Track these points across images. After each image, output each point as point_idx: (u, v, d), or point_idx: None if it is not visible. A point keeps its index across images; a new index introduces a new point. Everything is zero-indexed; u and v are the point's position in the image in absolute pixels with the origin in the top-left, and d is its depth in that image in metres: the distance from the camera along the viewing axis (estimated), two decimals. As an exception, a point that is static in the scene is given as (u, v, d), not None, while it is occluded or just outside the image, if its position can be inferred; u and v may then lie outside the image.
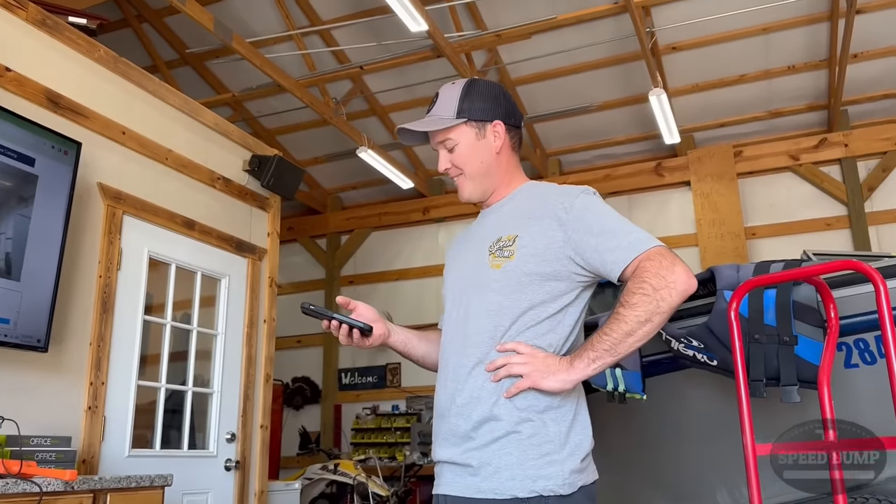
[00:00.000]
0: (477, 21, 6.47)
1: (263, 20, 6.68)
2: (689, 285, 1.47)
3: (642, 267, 1.49)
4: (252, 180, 4.84)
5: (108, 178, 3.73)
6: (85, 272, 3.55)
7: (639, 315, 1.46)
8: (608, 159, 8.24)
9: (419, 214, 8.81)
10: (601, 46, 6.63)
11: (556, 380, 1.49)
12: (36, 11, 3.51)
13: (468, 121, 1.73)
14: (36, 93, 3.41)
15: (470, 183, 1.76)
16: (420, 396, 8.25)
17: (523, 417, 1.51)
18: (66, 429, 3.30)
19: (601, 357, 1.48)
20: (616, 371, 2.61)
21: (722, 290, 2.36)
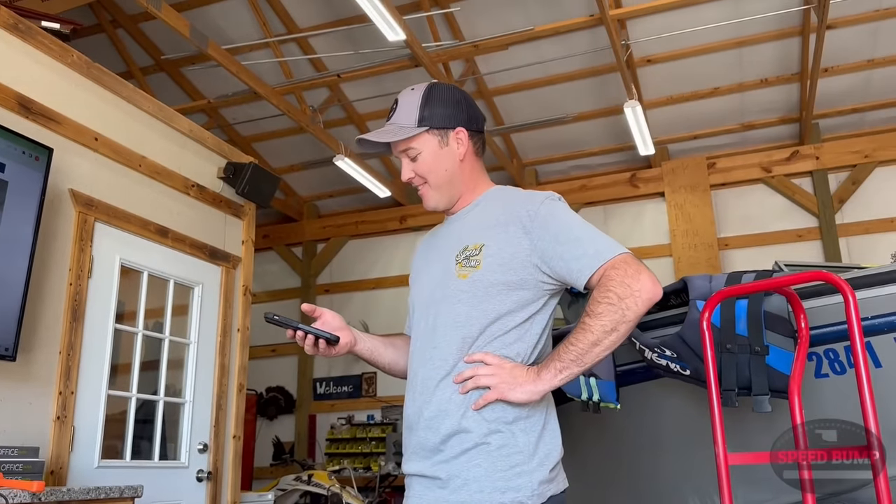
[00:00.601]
0: (454, 31, 6.50)
1: (240, 27, 6.66)
2: (654, 293, 1.46)
3: (607, 276, 1.48)
4: (227, 188, 4.80)
5: (80, 185, 3.68)
6: (55, 279, 3.49)
7: (605, 324, 1.45)
8: (584, 170, 8.31)
9: (396, 223, 8.80)
10: (577, 58, 6.69)
11: (524, 391, 1.49)
12: (7, 15, 3.45)
13: (430, 129, 1.69)
14: (7, 98, 3.35)
15: (435, 192, 1.74)
16: (396, 406, 8.22)
17: (492, 429, 1.50)
18: (33, 439, 3.24)
19: (568, 367, 1.47)
20: (590, 380, 2.62)
21: (694, 301, 2.39)
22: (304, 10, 6.60)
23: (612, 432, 3.03)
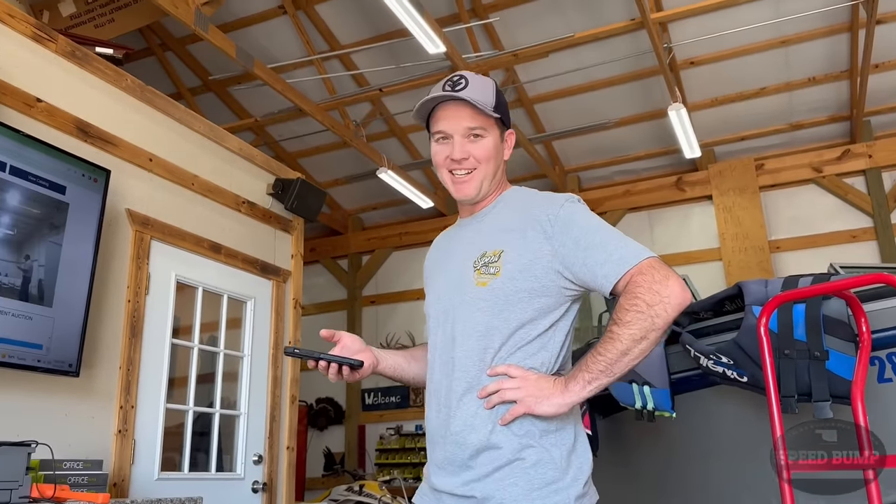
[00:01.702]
0: (494, 41, 6.53)
1: (284, 46, 6.79)
2: (683, 299, 1.40)
3: (634, 282, 1.41)
4: (276, 203, 4.89)
5: (136, 205, 3.79)
6: (114, 297, 3.61)
7: (633, 333, 1.38)
8: (627, 175, 8.23)
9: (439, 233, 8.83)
10: (618, 63, 6.65)
11: (551, 404, 1.43)
12: (65, 43, 3.59)
13: (500, 119, 1.66)
14: (66, 122, 3.49)
15: (479, 181, 1.66)
16: (444, 416, 8.22)
17: (524, 444, 1.45)
18: (97, 452, 3.34)
19: (597, 378, 1.41)
20: (644, 389, 2.60)
21: (751, 306, 2.35)
22: (346, 26, 6.70)
23: (667, 440, 2.99)
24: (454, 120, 1.63)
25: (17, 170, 3.04)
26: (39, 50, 3.46)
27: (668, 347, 2.55)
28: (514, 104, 7.26)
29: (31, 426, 3.07)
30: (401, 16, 5.01)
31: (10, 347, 2.94)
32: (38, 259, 3.09)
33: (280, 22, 6.63)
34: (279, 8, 6.49)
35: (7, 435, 2.89)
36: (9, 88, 3.24)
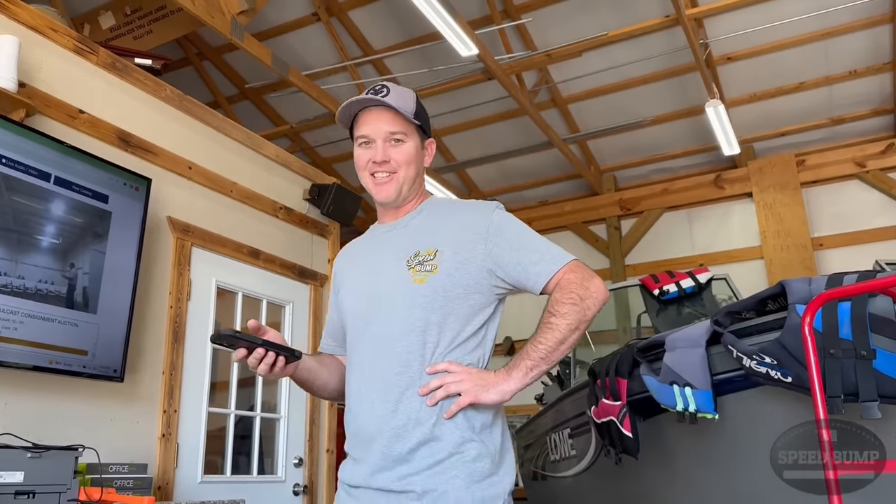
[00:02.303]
0: (526, 42, 6.51)
1: (318, 53, 6.86)
2: (605, 295, 1.57)
3: (567, 279, 1.56)
4: (312, 208, 4.94)
5: (177, 212, 3.87)
6: (157, 303, 3.68)
7: (570, 323, 1.52)
8: (665, 173, 8.13)
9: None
10: (653, 60, 6.57)
11: (497, 391, 1.51)
12: (106, 55, 3.68)
13: (420, 127, 1.75)
14: (108, 133, 3.57)
15: (398, 185, 1.71)
16: (481, 418, 8.22)
17: (466, 437, 1.51)
18: (142, 456, 3.41)
19: (538, 365, 1.52)
20: (685, 390, 2.56)
21: (794, 305, 2.29)
22: (379, 32, 6.74)
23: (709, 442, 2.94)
24: (376, 124, 1.71)
25: (62, 180, 3.13)
26: (81, 62, 3.55)
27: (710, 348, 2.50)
28: (547, 104, 7.23)
29: (78, 431, 3.14)
30: (433, 19, 5.03)
31: (56, 354, 3.02)
32: (82, 267, 3.16)
33: (314, 29, 6.70)
34: (313, 15, 6.56)
35: (55, 439, 2.97)
36: (52, 101, 3.32)
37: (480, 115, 7.48)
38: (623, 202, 8.06)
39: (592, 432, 3.17)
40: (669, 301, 3.81)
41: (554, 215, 8.38)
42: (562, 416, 3.74)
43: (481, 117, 7.51)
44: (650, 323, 3.89)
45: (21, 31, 3.24)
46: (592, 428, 3.10)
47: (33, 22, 3.33)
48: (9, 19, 3.21)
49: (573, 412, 3.48)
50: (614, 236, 8.06)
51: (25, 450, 2.51)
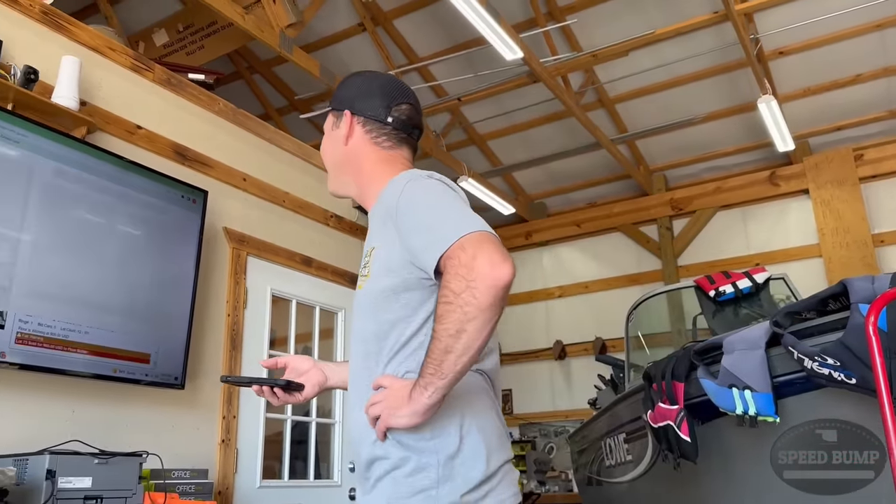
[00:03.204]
0: (572, 43, 6.47)
1: (365, 62, 6.93)
2: (494, 278, 1.22)
3: (450, 265, 1.26)
4: (362, 216, 5.00)
5: (233, 223, 3.96)
6: (215, 312, 3.77)
7: (448, 328, 1.24)
8: (717, 171, 7.97)
9: (522, 239, 8.80)
10: (702, 57, 6.46)
11: (402, 415, 1.31)
12: (161, 72, 3.80)
13: (332, 109, 1.64)
14: (165, 147, 3.68)
15: (330, 184, 1.66)
16: (534, 423, 8.17)
17: (405, 453, 1.35)
18: (202, 462, 3.49)
19: (431, 382, 1.27)
20: (745, 393, 2.51)
21: (857, 304, 2.23)
22: (424, 39, 6.79)
23: (768, 445, 2.88)
24: None
25: (123, 193, 3.23)
26: (138, 79, 3.67)
27: (770, 350, 2.45)
28: (594, 105, 7.17)
29: (141, 437, 3.24)
30: (477, 24, 5.04)
31: (120, 363, 3.12)
32: (143, 278, 3.26)
33: (360, 39, 6.78)
34: (359, 25, 6.64)
35: (119, 445, 3.07)
36: (111, 117, 3.45)
37: (526, 119, 7.46)
38: (674, 202, 7.92)
39: (649, 437, 3.13)
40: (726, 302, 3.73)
41: (603, 217, 8.30)
42: (616, 420, 3.70)
43: (527, 121, 7.49)
44: (706, 325, 3.81)
45: (81, 51, 3.37)
46: (649, 433, 3.06)
47: (93, 42, 3.46)
48: (70, 40, 3.34)
49: (628, 417, 3.44)
50: (666, 237, 7.93)
51: (93, 456, 2.60)
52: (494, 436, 1.38)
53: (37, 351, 2.82)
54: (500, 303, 1.23)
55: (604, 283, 8.21)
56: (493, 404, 1.43)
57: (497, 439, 1.38)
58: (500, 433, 1.41)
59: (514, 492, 1.38)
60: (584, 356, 7.96)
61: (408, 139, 1.61)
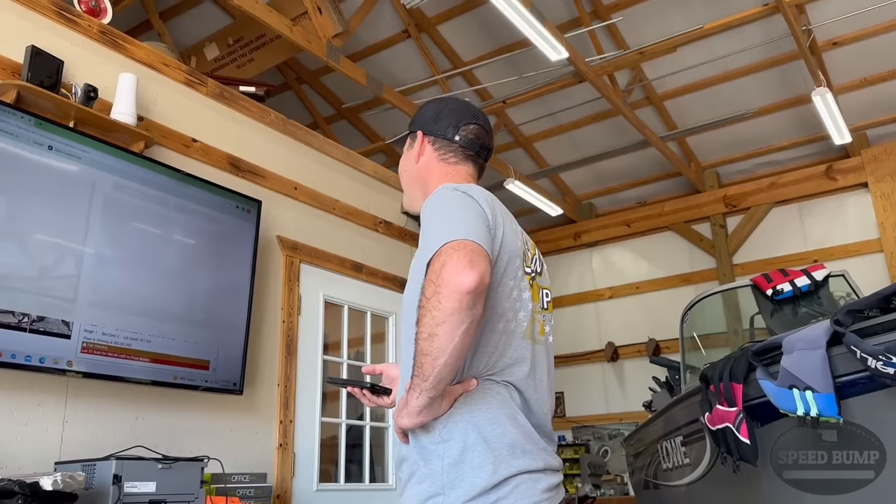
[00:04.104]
0: (618, 41, 6.41)
1: (409, 68, 6.99)
2: (456, 284, 1.25)
3: (428, 273, 1.31)
4: (410, 221, 5.04)
5: (285, 231, 4.04)
6: (270, 318, 3.85)
7: (422, 332, 1.29)
8: (771, 167, 7.78)
9: (570, 240, 8.74)
10: (753, 51, 6.32)
11: (402, 416, 1.37)
12: (213, 85, 3.90)
13: (411, 133, 1.78)
14: (219, 159, 3.77)
15: (404, 200, 1.80)
16: (587, 426, 8.10)
17: (419, 459, 1.40)
18: (261, 465, 3.56)
19: (417, 385, 1.31)
20: (806, 394, 2.44)
21: (923, 301, 2.16)
22: (468, 43, 6.81)
23: (833, 448, 2.80)
24: None
25: (180, 205, 3.33)
26: (192, 94, 3.77)
27: (831, 349, 2.38)
28: (641, 103, 7.09)
29: (202, 442, 3.33)
30: (521, 27, 5.03)
31: (180, 370, 3.21)
32: (202, 287, 3.35)
33: (405, 46, 6.84)
34: (403, 32, 6.70)
35: (181, 451, 3.15)
36: (167, 132, 3.55)
37: (572, 119, 7.42)
38: (728, 199, 7.76)
39: (707, 440, 3.07)
40: (784, 301, 3.64)
41: (654, 216, 8.18)
42: (673, 423, 3.64)
43: (573, 121, 7.44)
44: (764, 325, 3.72)
45: (137, 68, 3.49)
46: (707, 435, 3.00)
47: (148, 59, 3.57)
48: (126, 58, 3.46)
49: (685, 419, 3.38)
50: (720, 235, 7.77)
51: (157, 461, 2.68)
52: (507, 445, 1.39)
53: (101, 359, 2.92)
54: (465, 309, 1.26)
55: (656, 283, 8.09)
56: (513, 413, 1.42)
57: (510, 448, 1.39)
58: (518, 443, 1.40)
59: (535, 501, 1.38)
60: (636, 358, 7.86)
61: (474, 157, 1.73)
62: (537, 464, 1.42)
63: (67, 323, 2.82)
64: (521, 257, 1.53)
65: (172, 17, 6.57)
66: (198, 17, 6.52)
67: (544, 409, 1.52)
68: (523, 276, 1.52)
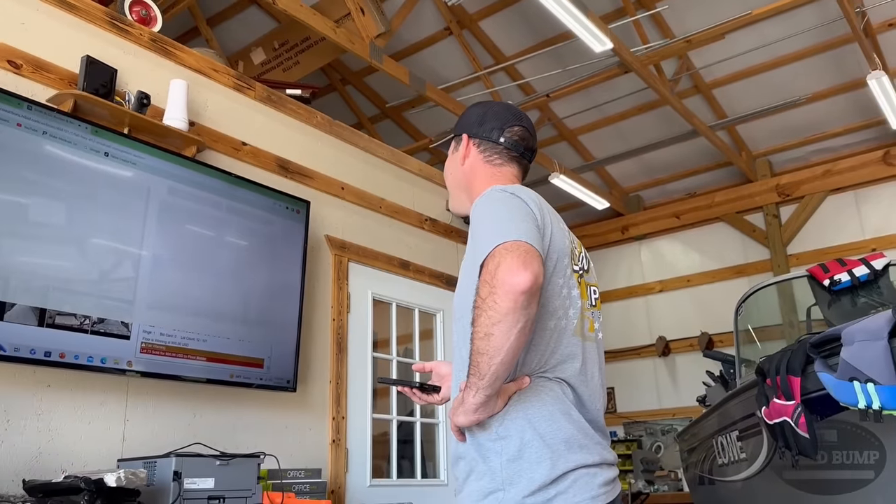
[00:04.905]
0: (663, 30, 6.30)
1: (452, 66, 7.00)
2: (511, 284, 1.27)
3: (482, 274, 1.34)
4: (455, 218, 5.05)
5: (333, 230, 4.09)
6: (320, 316, 3.91)
7: (478, 331, 1.31)
8: (826, 154, 7.56)
9: (618, 234, 8.64)
10: (804, 35, 6.14)
11: (459, 414, 1.40)
12: (261, 89, 3.97)
13: (456, 136, 1.79)
14: (269, 161, 3.84)
15: (450, 202, 1.83)
16: (638, 422, 8.00)
17: (476, 456, 1.43)
18: (315, 461, 3.62)
19: (473, 383, 1.34)
20: (868, 386, 2.37)
21: None
22: (510, 38, 6.78)
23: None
24: None
25: (232, 207, 3.40)
26: (241, 98, 3.84)
27: (893, 340, 2.30)
28: (689, 92, 6.95)
29: (257, 439, 3.39)
30: (564, 19, 4.99)
31: (236, 368, 3.28)
32: (254, 287, 3.42)
33: (447, 43, 6.85)
34: (445, 30, 6.71)
35: (237, 447, 3.23)
36: (218, 136, 3.63)
37: (617, 111, 7.32)
38: (781, 188, 7.57)
39: (764, 434, 3.01)
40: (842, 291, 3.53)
41: (704, 207, 8.02)
42: (728, 417, 3.58)
43: (618, 112, 7.35)
44: (821, 316, 3.62)
45: (188, 74, 3.57)
46: (764, 429, 2.94)
47: (197, 65, 3.65)
48: (177, 64, 3.55)
49: (741, 413, 3.31)
50: (773, 225, 7.58)
51: (215, 458, 2.74)
52: (563, 440, 1.41)
53: (160, 359, 3.00)
54: (520, 308, 1.29)
55: (707, 275, 7.94)
56: (566, 409, 1.44)
57: (566, 444, 1.41)
58: (573, 438, 1.42)
59: (594, 495, 1.40)
60: (689, 352, 7.73)
61: (519, 158, 1.75)
62: (594, 458, 1.43)
63: (127, 324, 2.90)
64: (569, 255, 1.54)
65: (219, 23, 6.70)
66: (244, 22, 6.64)
67: (597, 405, 1.53)
68: (572, 275, 1.54)
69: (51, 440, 2.72)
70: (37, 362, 2.63)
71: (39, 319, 2.64)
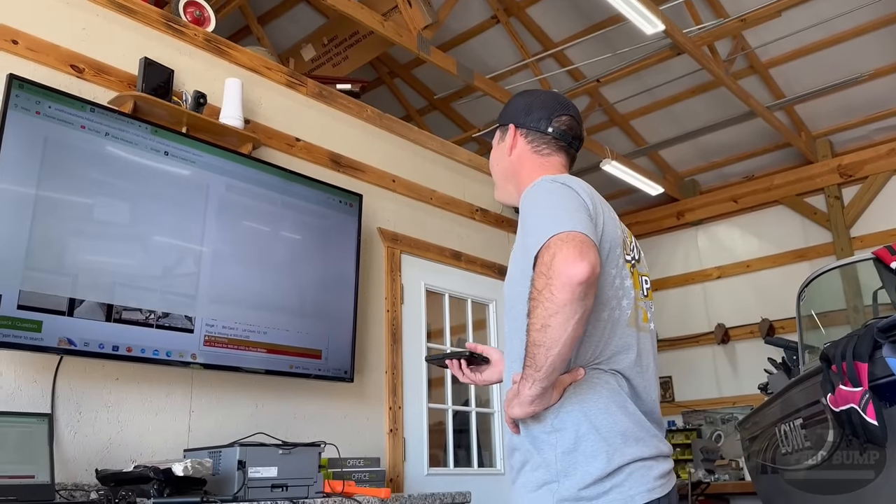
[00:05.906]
0: (716, 9, 6.14)
1: (499, 54, 6.97)
2: (568, 276, 1.26)
3: (537, 265, 1.32)
4: (506, 208, 5.04)
5: (386, 223, 4.13)
6: (375, 308, 3.96)
7: (534, 323, 1.31)
8: (890, 132, 7.26)
9: (673, 220, 8.47)
10: (864, 10, 5.91)
11: (514, 406, 1.40)
12: (313, 86, 4.02)
13: (501, 126, 1.78)
14: (321, 156, 3.90)
15: (497, 193, 1.83)
16: (698, 411, 7.86)
17: (531, 448, 1.43)
18: (373, 450, 3.68)
19: (529, 375, 1.34)
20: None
21: None
22: (558, 24, 6.71)
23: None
24: None
25: (287, 202, 3.46)
26: (293, 94, 3.91)
27: (967, 323, 2.22)
28: (745, 72, 6.77)
29: (317, 428, 3.46)
30: (614, 1, 4.91)
31: (295, 360, 3.35)
32: (311, 280, 3.48)
33: (494, 31, 6.82)
34: (492, 18, 6.68)
35: (298, 436, 3.30)
36: (272, 132, 3.69)
37: (670, 94, 7.17)
38: (843, 168, 7.31)
39: (829, 422, 2.93)
40: (891, 271, 3.41)
41: (762, 190, 7.81)
42: (791, 405, 3.49)
43: (671, 95, 7.20)
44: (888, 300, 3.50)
45: (241, 72, 3.64)
46: (829, 417, 2.86)
47: (251, 63, 3.72)
48: (231, 63, 3.62)
49: (805, 401, 3.23)
50: (835, 207, 7.33)
51: (277, 447, 2.81)
52: (618, 433, 1.40)
53: (222, 351, 3.09)
54: (577, 299, 1.28)
55: (767, 260, 7.73)
56: (622, 402, 1.43)
57: (622, 437, 1.40)
58: (629, 431, 1.42)
59: (650, 487, 1.39)
60: (749, 339, 7.55)
61: (566, 148, 1.73)
62: (650, 451, 1.43)
63: (190, 318, 2.99)
64: (620, 245, 1.53)
65: (269, 21, 6.81)
66: (293, 20, 6.73)
67: (653, 396, 1.52)
68: (624, 265, 1.53)
69: (120, 431, 2.82)
70: (105, 356, 2.73)
71: (107, 315, 2.74)
